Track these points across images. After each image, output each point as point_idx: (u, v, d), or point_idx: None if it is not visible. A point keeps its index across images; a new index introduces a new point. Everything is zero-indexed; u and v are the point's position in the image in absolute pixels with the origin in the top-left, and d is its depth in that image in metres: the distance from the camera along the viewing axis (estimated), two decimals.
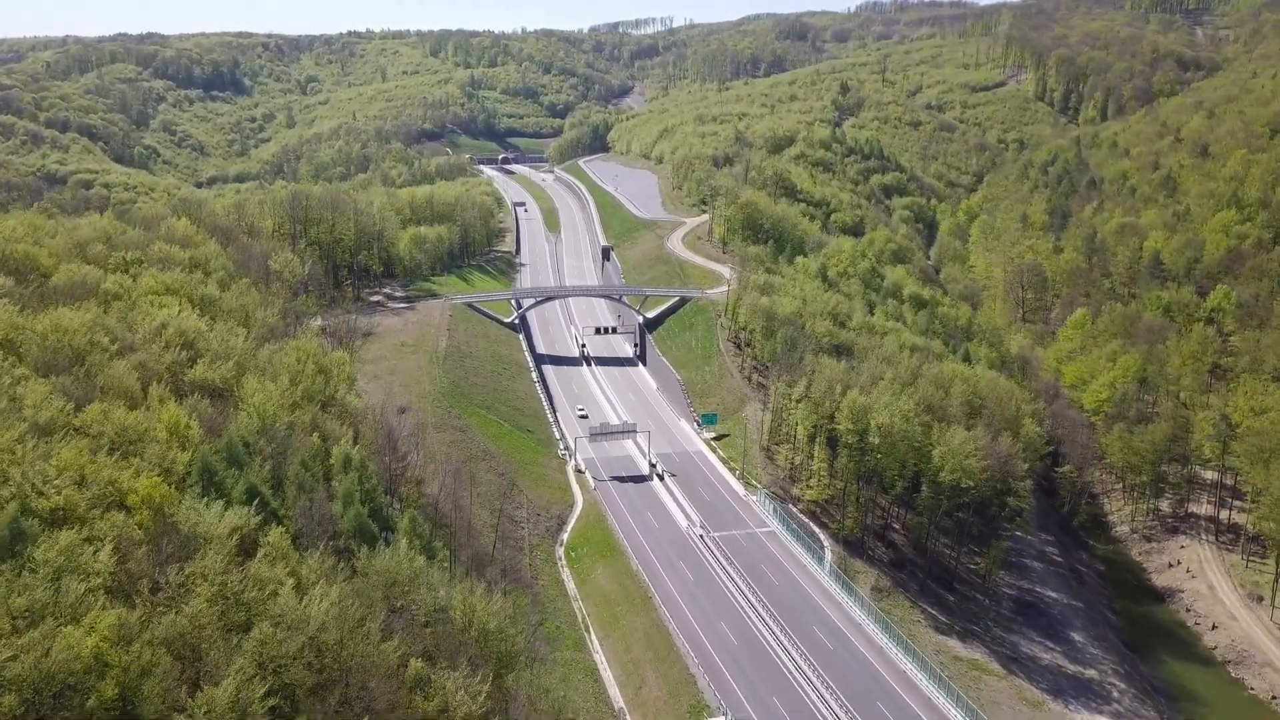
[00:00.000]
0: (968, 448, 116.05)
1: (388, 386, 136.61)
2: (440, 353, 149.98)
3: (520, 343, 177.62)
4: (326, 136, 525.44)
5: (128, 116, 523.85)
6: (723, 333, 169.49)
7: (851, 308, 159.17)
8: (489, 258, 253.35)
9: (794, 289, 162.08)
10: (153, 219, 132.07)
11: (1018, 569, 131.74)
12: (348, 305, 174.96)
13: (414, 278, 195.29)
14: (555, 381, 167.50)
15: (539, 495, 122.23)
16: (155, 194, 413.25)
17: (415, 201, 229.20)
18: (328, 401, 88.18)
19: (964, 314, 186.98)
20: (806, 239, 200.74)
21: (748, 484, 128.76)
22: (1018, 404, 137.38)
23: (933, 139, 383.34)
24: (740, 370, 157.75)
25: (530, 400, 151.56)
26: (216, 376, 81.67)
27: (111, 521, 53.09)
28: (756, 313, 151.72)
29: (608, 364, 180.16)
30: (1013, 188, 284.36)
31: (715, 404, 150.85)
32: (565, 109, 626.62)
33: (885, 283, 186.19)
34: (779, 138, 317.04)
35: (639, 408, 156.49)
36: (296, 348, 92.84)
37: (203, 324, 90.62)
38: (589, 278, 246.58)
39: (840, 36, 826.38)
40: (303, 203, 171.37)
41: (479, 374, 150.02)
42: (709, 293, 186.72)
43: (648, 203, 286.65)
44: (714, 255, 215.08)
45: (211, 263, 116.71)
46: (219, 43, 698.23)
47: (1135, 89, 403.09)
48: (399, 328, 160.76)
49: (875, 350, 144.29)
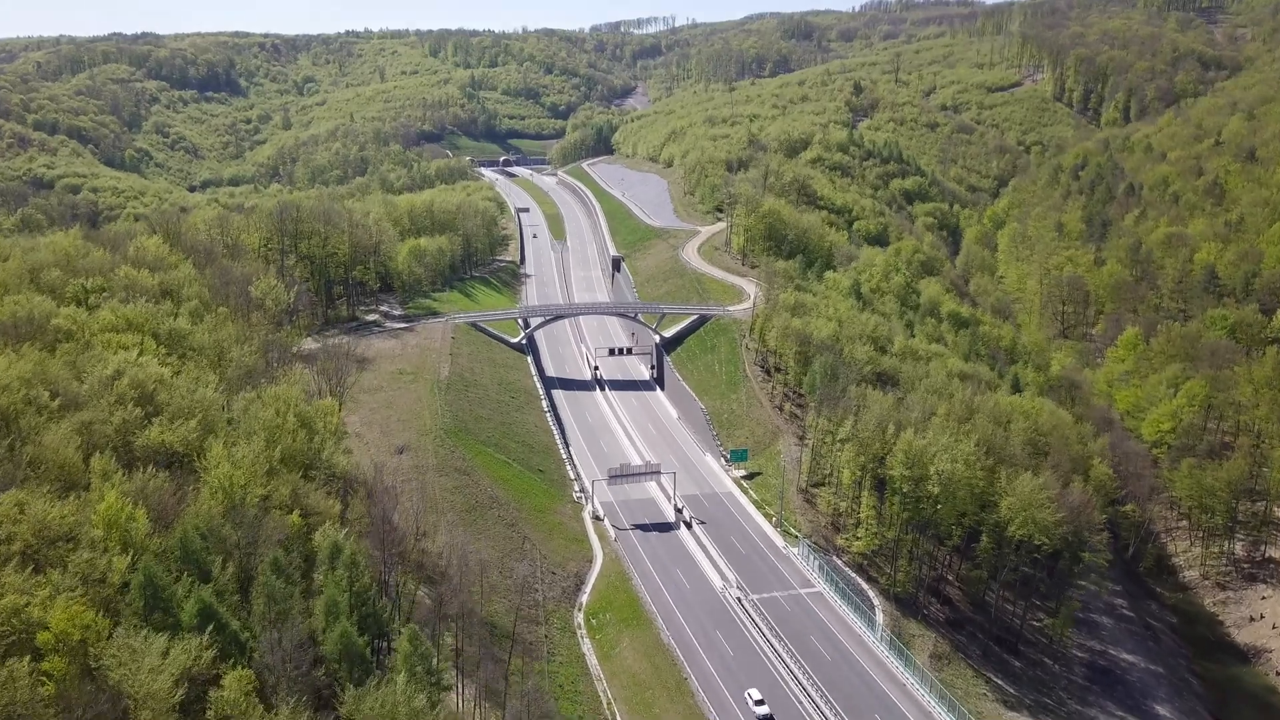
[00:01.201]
0: (1039, 498, 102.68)
1: (384, 422, 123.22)
2: (442, 381, 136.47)
3: (528, 365, 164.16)
4: (323, 139, 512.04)
5: (119, 118, 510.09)
6: (748, 355, 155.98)
7: (891, 330, 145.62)
8: (492, 268, 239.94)
9: (827, 309, 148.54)
10: (120, 238, 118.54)
11: (1086, 626, 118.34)
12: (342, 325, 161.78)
13: (413, 293, 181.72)
14: (567, 410, 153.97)
15: (553, 549, 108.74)
16: (145, 198, 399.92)
17: (414, 210, 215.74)
18: (312, 463, 74.62)
19: (1006, 334, 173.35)
20: (835, 251, 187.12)
21: (786, 533, 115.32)
22: (1082, 440, 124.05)
23: (950, 141, 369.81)
24: (770, 399, 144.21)
25: (540, 434, 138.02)
26: (176, 439, 68.22)
27: (5, 675, 39.53)
28: (789, 336, 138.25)
29: (623, 388, 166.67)
30: (1042, 193, 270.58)
31: (744, 437, 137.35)
32: (567, 110, 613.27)
33: (921, 299, 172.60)
34: (794, 140, 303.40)
35: (659, 440, 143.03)
36: (276, 397, 79.33)
37: (166, 370, 77.12)
38: (598, 290, 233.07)
39: (846, 36, 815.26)
40: (292, 215, 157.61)
41: (485, 405, 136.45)
42: (731, 310, 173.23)
43: (658, 209, 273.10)
44: (733, 268, 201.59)
45: (184, 289, 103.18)
46: (214, 42, 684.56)
47: (1158, 89, 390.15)
48: (397, 353, 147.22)
49: (922, 379, 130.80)
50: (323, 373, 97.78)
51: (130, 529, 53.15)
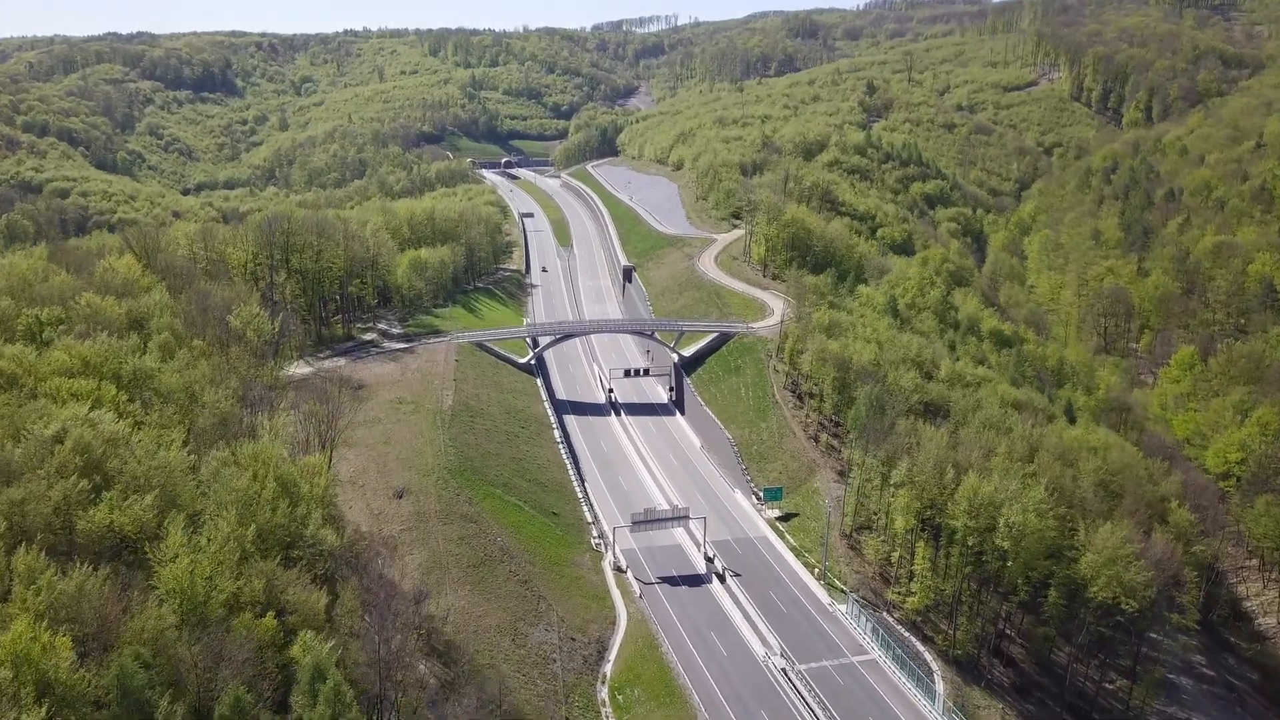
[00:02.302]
0: (1123, 553, 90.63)
1: (382, 461, 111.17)
2: (445, 412, 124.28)
3: (538, 388, 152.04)
4: (321, 140, 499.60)
5: (112, 120, 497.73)
6: (777, 378, 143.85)
7: (936, 353, 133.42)
8: (496, 278, 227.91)
9: (864, 329, 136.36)
10: (87, 258, 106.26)
11: (1165, 689, 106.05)
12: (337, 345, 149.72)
13: (413, 309, 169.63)
14: (581, 439, 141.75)
15: (572, 609, 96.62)
16: (137, 202, 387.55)
17: (414, 219, 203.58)
18: (294, 541, 62.51)
19: (1052, 354, 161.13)
20: (865, 263, 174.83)
21: (831, 586, 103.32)
22: (1153, 478, 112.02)
23: (968, 143, 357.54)
24: (804, 428, 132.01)
25: (553, 469, 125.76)
26: (128, 520, 56.16)
27: None
28: (826, 361, 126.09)
29: (639, 413, 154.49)
30: (1073, 198, 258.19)
31: (777, 472, 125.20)
32: (570, 110, 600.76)
33: (959, 315, 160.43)
34: (809, 143, 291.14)
35: (682, 474, 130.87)
36: (254, 457, 67.21)
37: (122, 426, 64.96)
38: (608, 302, 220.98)
39: (852, 34, 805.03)
40: (282, 227, 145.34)
41: (492, 438, 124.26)
42: (754, 326, 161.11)
43: (669, 215, 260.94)
44: (754, 279, 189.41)
45: (155, 320, 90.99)
46: (210, 42, 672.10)
47: (1180, 88, 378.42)
48: (396, 378, 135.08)
49: (974, 410, 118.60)
50: (310, 419, 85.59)
51: (48, 666, 41.05)
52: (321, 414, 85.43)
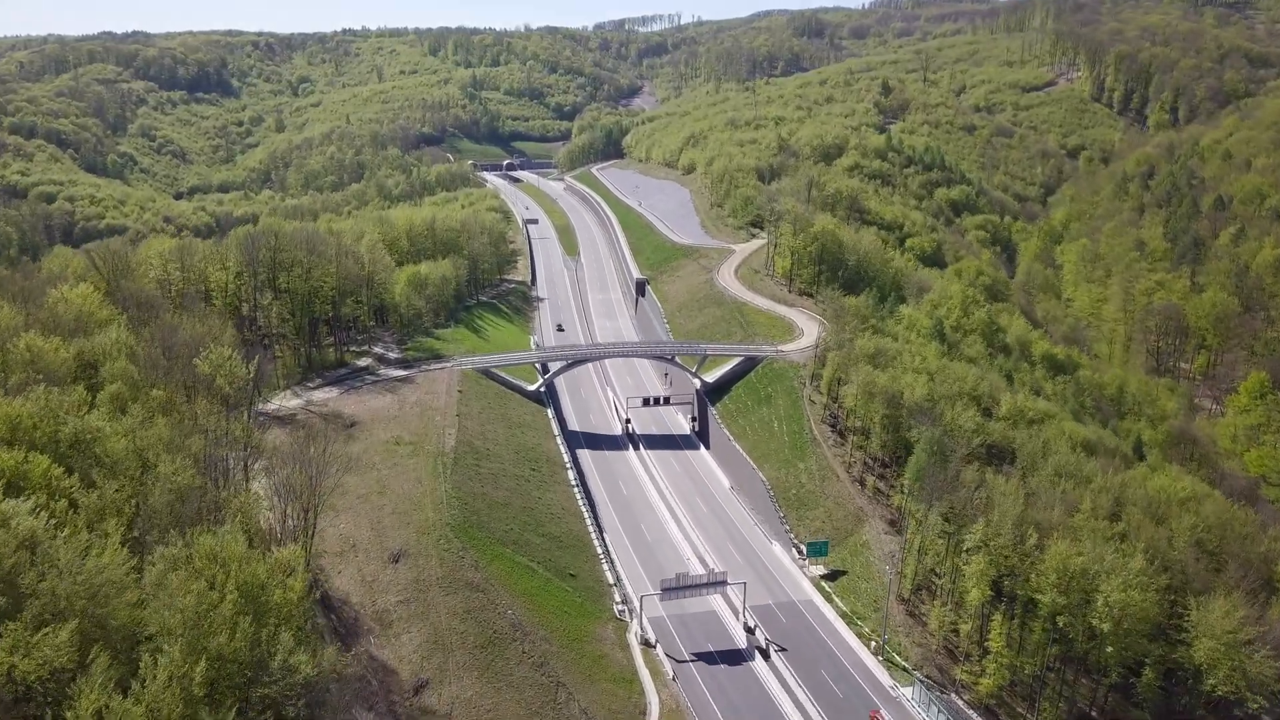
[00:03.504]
0: (1243, 636, 77.31)
1: (376, 516, 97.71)
2: (448, 454, 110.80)
3: (548, 420, 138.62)
4: (318, 142, 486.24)
5: (103, 121, 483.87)
6: (813, 409, 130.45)
7: (992, 384, 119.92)
8: (500, 290, 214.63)
9: (912, 358, 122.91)
10: (37, 287, 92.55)
11: None
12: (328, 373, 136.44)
13: (412, 330, 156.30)
14: (597, 479, 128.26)
15: (596, 698, 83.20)
16: (126, 207, 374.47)
17: (414, 230, 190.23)
18: (256, 675, 49.09)
19: (1111, 380, 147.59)
20: (904, 280, 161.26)
21: (891, 663, 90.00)
22: (1254, 534, 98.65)
23: (990, 145, 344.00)
24: (847, 468, 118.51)
25: (568, 518, 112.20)
26: (32, 666, 42.80)
27: None
28: (874, 397, 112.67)
29: (660, 446, 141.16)
30: (1109, 205, 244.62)
31: (820, 521, 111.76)
32: (573, 111, 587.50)
33: (1008, 338, 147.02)
34: (827, 146, 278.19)
35: (713, 523, 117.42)
36: (211, 557, 53.85)
37: (41, 524, 51.55)
38: (620, 317, 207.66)
39: (859, 34, 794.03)
40: (268, 244, 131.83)
41: (500, 483, 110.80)
42: (784, 349, 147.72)
43: (683, 223, 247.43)
44: (779, 295, 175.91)
45: (108, 366, 77.54)
46: (205, 41, 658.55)
47: (1208, 89, 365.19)
48: (393, 413, 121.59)
49: (1043, 454, 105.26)
50: (287, 493, 72.00)
51: None
52: (302, 483, 71.77)
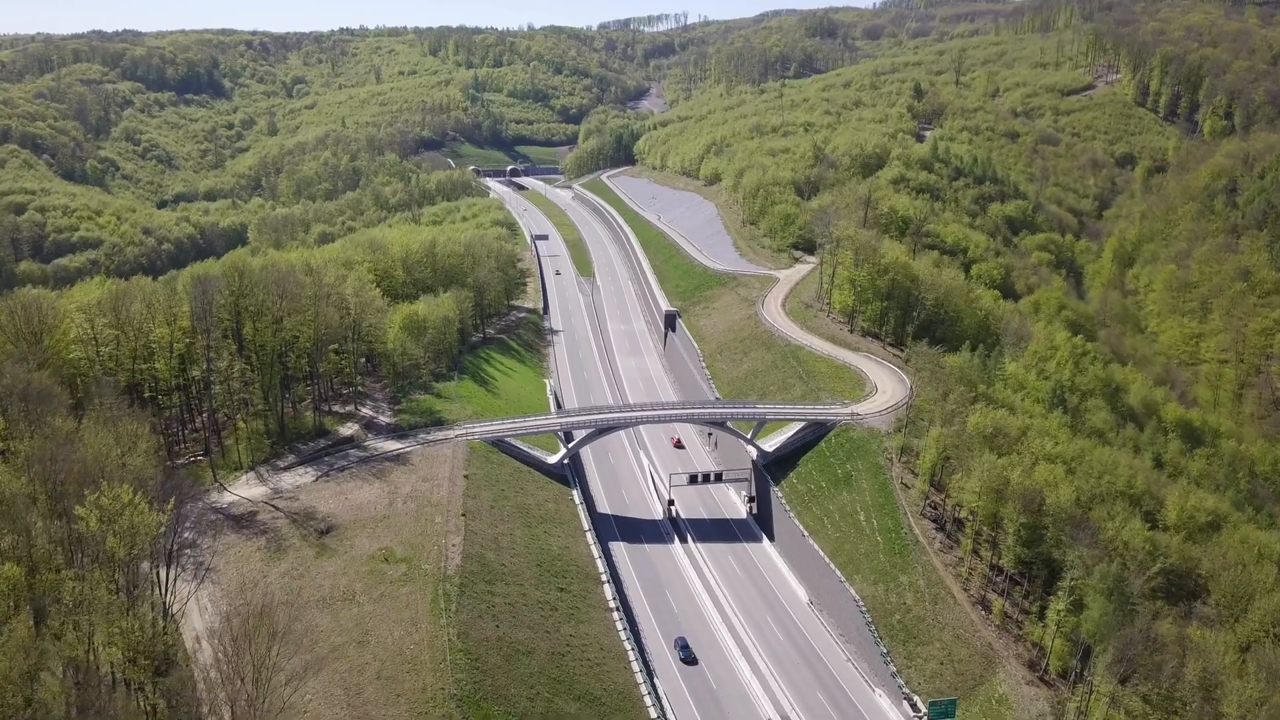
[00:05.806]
0: None
1: (354, 685, 71.22)
2: (452, 577, 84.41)
3: (575, 506, 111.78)
4: (312, 146, 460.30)
5: (85, 124, 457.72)
6: (906, 495, 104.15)
7: (1149, 479, 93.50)
8: (509, 322, 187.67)
9: (1040, 440, 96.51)
10: None
11: None
12: (303, 448, 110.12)
13: (408, 384, 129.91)
14: (640, 592, 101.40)
15: None
16: (103, 218, 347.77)
17: (411, 257, 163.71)
18: None
19: (1262, 455, 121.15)
20: (1000, 327, 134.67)
21: None
22: None
23: (1036, 154, 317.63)
24: (963, 584, 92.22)
25: (609, 661, 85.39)
26: None
27: None
28: (1007, 500, 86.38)
29: (712, 537, 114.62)
30: (1192, 225, 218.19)
31: (938, 661, 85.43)
32: (579, 113, 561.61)
33: (1130, 400, 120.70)
34: (867, 155, 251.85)
35: (793, 658, 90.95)
36: None
37: None
38: (647, 355, 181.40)
39: (872, 34, 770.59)
40: (228, 288, 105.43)
41: (520, 620, 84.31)
42: (859, 410, 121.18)
43: (713, 244, 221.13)
44: (839, 336, 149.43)
45: None
46: (196, 40, 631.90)
47: (1267, 93, 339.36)
48: (381, 511, 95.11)
49: (1238, 581, 79.09)
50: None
51: None
52: (231, 675, 45.31)
